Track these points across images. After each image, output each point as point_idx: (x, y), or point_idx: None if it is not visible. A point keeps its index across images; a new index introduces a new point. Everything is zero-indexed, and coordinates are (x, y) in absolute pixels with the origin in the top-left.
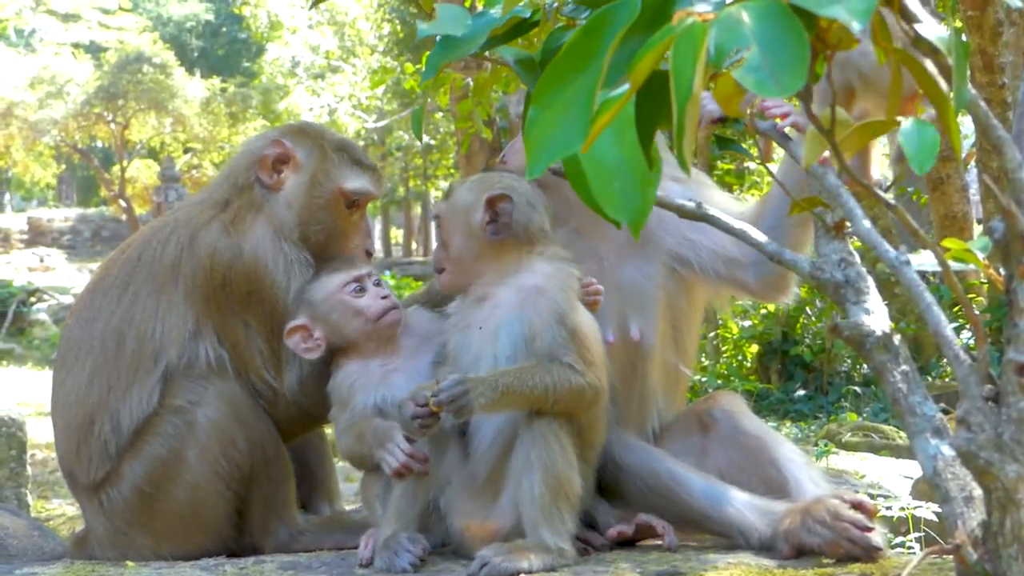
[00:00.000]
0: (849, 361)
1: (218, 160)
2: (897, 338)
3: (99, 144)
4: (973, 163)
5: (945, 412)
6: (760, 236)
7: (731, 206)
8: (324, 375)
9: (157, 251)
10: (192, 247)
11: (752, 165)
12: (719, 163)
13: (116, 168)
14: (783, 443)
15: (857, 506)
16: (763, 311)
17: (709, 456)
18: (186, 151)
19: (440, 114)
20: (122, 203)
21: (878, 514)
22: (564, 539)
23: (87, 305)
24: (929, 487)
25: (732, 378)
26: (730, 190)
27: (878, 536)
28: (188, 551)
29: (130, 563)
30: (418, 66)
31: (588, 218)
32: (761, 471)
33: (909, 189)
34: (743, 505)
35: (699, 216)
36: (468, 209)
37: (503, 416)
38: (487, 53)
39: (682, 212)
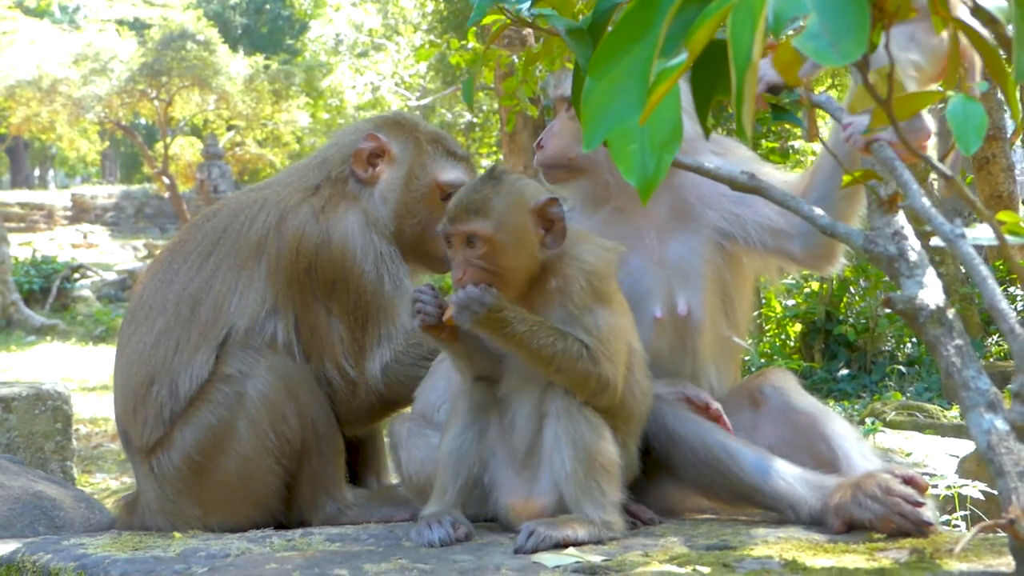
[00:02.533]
0: (893, 340)
1: (261, 137)
2: (951, 312)
3: (143, 121)
4: (1020, 142)
5: None
6: (812, 209)
7: (779, 177)
8: (407, 363)
9: (244, 226)
10: (280, 227)
11: (797, 144)
12: (763, 141)
13: (159, 145)
14: (834, 419)
15: (909, 481)
16: (807, 290)
17: (760, 432)
18: (229, 128)
19: (484, 92)
20: (165, 180)
21: (927, 490)
22: (609, 511)
23: (165, 267)
24: (980, 463)
25: (775, 357)
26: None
27: (929, 511)
28: (236, 523)
29: (177, 534)
30: (463, 42)
31: (629, 197)
32: (812, 447)
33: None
34: (793, 479)
35: (752, 188)
36: (521, 225)
37: (537, 390)
38: (535, 22)
39: (735, 184)
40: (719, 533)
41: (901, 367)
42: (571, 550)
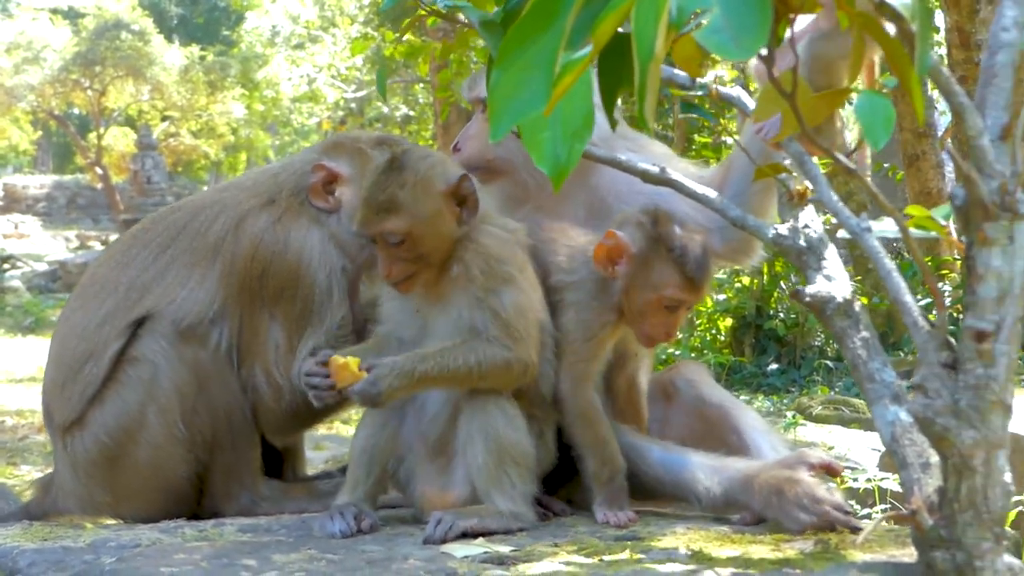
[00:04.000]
0: (822, 335)
1: (196, 128)
2: (858, 304)
3: (76, 111)
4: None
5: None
6: (723, 202)
7: (694, 172)
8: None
9: (203, 226)
10: (238, 231)
11: (731, 139)
12: (696, 136)
13: (93, 135)
14: (745, 411)
15: (825, 468)
16: (737, 285)
17: (671, 425)
18: (164, 119)
19: (420, 84)
20: (98, 171)
21: (844, 481)
22: (518, 503)
23: (124, 250)
24: (889, 454)
25: (706, 351)
26: (707, 162)
27: (839, 495)
28: (149, 512)
29: (88, 524)
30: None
31: (548, 197)
32: (723, 439)
33: (885, 165)
34: (697, 467)
35: (663, 181)
36: (436, 210)
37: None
38: (450, 13)
39: (646, 177)
40: (629, 525)
41: (829, 362)
42: (480, 540)
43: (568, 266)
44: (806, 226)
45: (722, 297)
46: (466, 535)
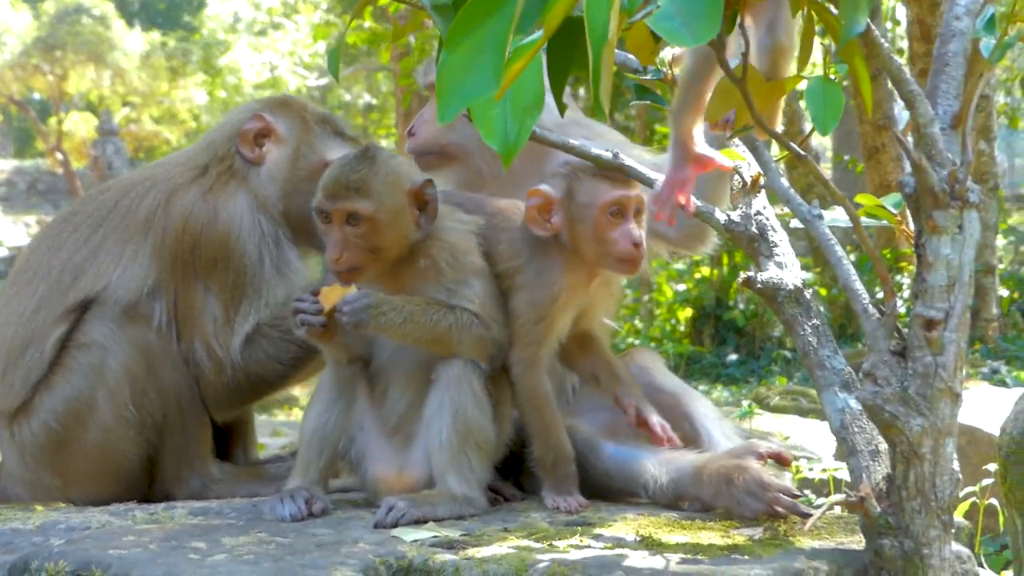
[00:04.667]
0: (781, 326)
1: (157, 114)
2: (809, 292)
3: (36, 96)
4: (900, 127)
5: None
6: None
7: (648, 159)
8: (273, 337)
9: (134, 203)
10: (168, 206)
11: None
12: (657, 126)
13: (53, 120)
14: (697, 399)
15: (774, 457)
16: (697, 275)
17: (622, 413)
18: (125, 105)
19: (382, 73)
20: (59, 156)
21: (799, 471)
22: (473, 487)
23: (55, 234)
24: (839, 442)
25: (665, 341)
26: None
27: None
28: (99, 496)
29: (39, 507)
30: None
31: (502, 184)
32: (675, 426)
33: (845, 157)
34: (647, 459)
35: (615, 166)
36: (400, 205)
37: (413, 362)
38: None
39: (599, 162)
40: (579, 511)
41: (787, 353)
42: (430, 524)
43: (510, 251)
44: (758, 213)
45: (682, 287)
46: (417, 522)
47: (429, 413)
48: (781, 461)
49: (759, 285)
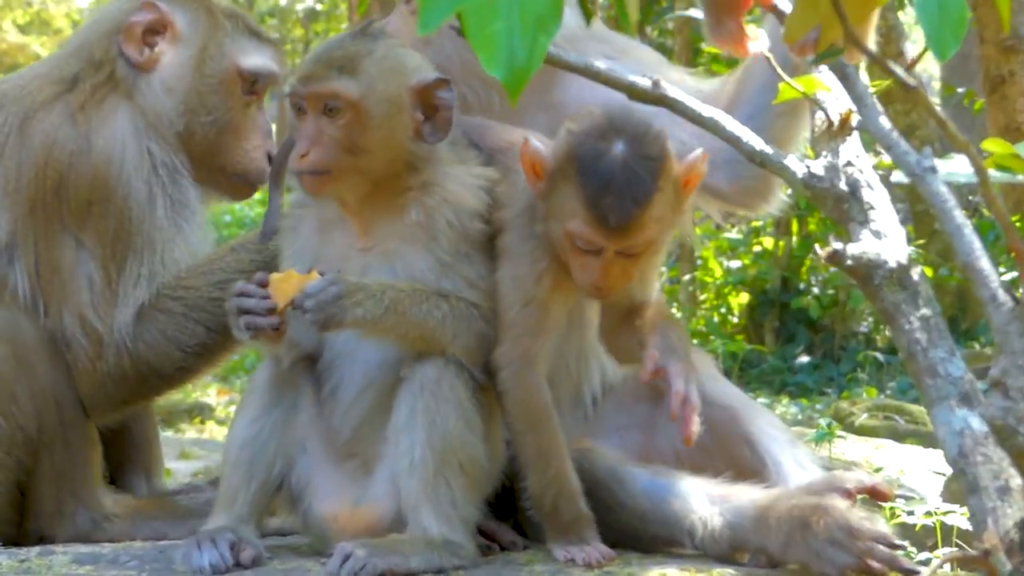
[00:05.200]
0: (871, 319)
1: (23, 21)
2: (917, 271)
3: None
4: None
5: None
6: (736, 127)
7: (693, 85)
8: (176, 313)
9: None
10: (23, 132)
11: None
12: (704, 45)
13: None
14: (761, 415)
15: (868, 492)
16: (757, 247)
17: (661, 433)
18: None
19: None
20: None
21: (896, 514)
22: (456, 529)
23: None
24: (955, 475)
25: (712, 337)
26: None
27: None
28: None
29: None
30: None
31: (495, 116)
32: (731, 452)
33: (960, 90)
34: (692, 496)
35: (654, 98)
36: (398, 99)
37: (376, 355)
38: None
39: (633, 92)
40: (604, 563)
41: (879, 355)
42: None
43: (505, 198)
44: (849, 164)
45: (736, 264)
46: None
47: (396, 426)
48: (878, 497)
49: (849, 261)
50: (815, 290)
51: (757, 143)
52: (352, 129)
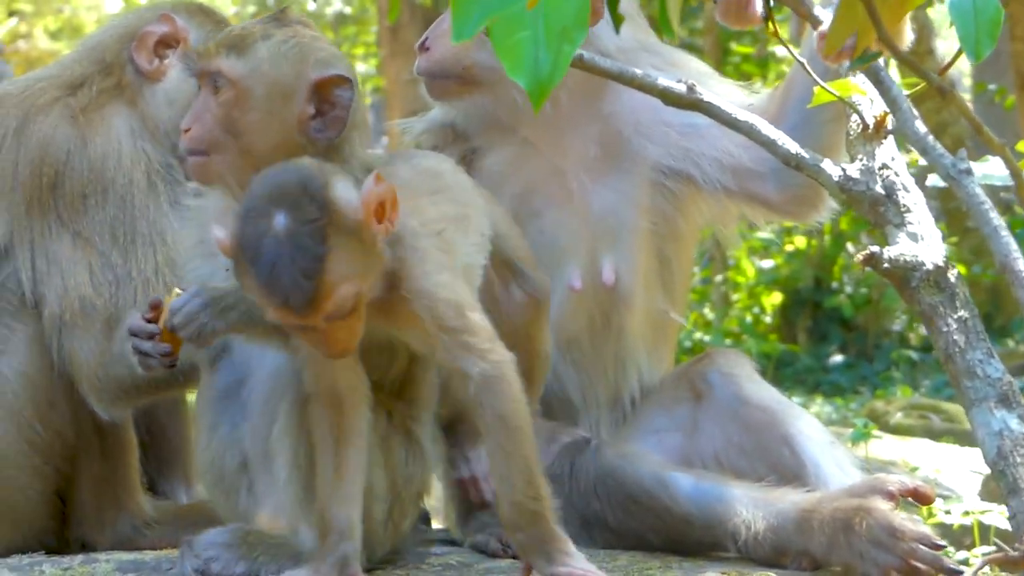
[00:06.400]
0: (904, 317)
1: (55, 27)
2: (954, 273)
3: None
4: None
5: None
6: (772, 131)
7: (739, 97)
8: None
9: None
10: (21, 134)
11: (781, 49)
12: (734, 45)
13: None
14: (800, 416)
15: (911, 495)
16: (789, 247)
17: (701, 433)
18: (11, 15)
19: None
20: None
21: (934, 514)
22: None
23: None
24: (995, 476)
25: (746, 337)
26: (749, 81)
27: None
28: None
29: None
30: None
31: (544, 125)
32: (770, 453)
33: (991, 87)
34: (736, 499)
35: (690, 102)
36: (285, 86)
37: (278, 361)
38: None
39: (668, 96)
40: (643, 567)
41: (913, 354)
42: None
43: None
44: (884, 166)
45: (768, 264)
46: None
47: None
48: (920, 500)
49: (886, 264)
50: (848, 289)
51: (793, 147)
52: (231, 108)
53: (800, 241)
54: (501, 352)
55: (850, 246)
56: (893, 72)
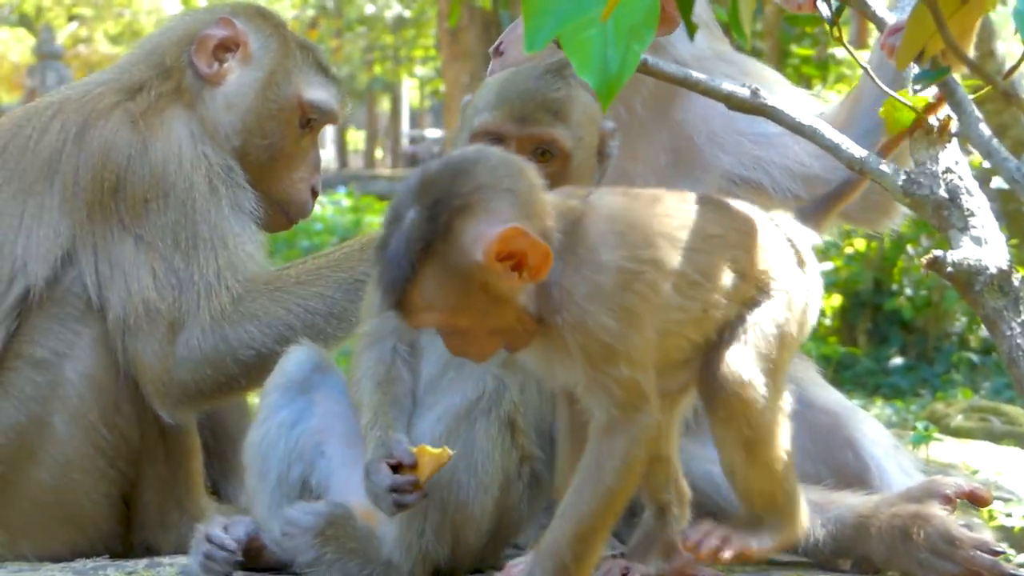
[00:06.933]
0: (964, 319)
1: (115, 32)
2: (1018, 277)
3: None
4: None
5: None
6: (835, 135)
7: (808, 104)
8: (258, 304)
9: (32, 139)
10: (82, 139)
11: (841, 51)
12: (794, 47)
13: None
14: (864, 420)
15: (968, 498)
16: (849, 250)
17: None
18: (71, 19)
19: None
20: None
21: (994, 517)
22: (406, 555)
23: None
24: None
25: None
26: (808, 84)
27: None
28: (55, 550)
29: None
30: None
31: (631, 134)
32: (834, 457)
33: None
34: None
35: (755, 107)
36: (592, 149)
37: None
38: None
39: (731, 101)
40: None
41: (973, 356)
42: None
43: None
44: (948, 170)
45: (828, 266)
46: None
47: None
48: (978, 502)
49: (950, 268)
50: (908, 291)
51: (856, 151)
52: (558, 177)
53: (860, 244)
54: (644, 415)
55: (910, 248)
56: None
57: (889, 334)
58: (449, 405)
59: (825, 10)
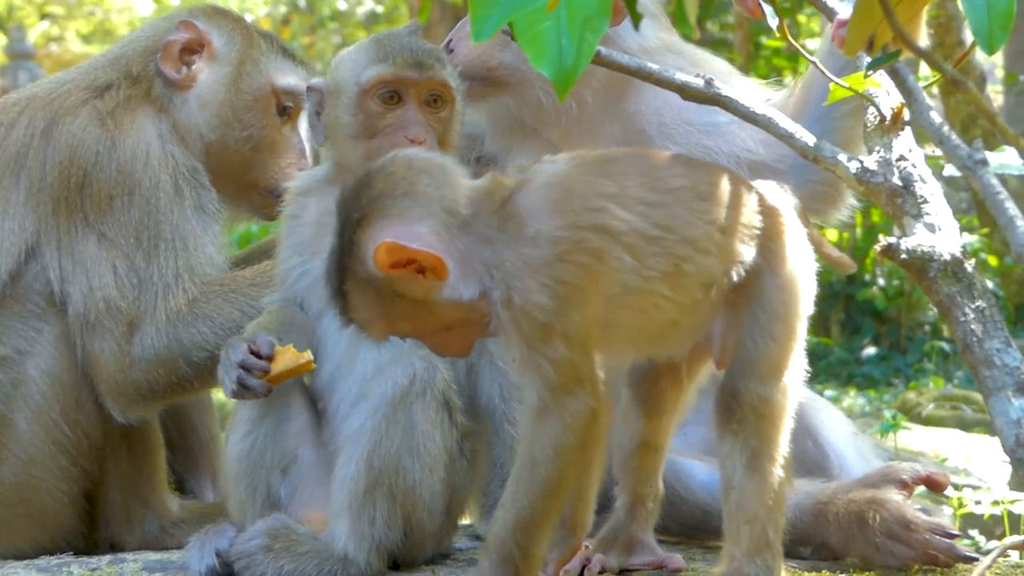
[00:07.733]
0: (935, 309)
1: (87, 31)
2: (971, 264)
3: None
4: None
5: None
6: (790, 124)
7: (760, 93)
8: (213, 306)
9: (0, 134)
10: (49, 134)
11: (813, 42)
12: (765, 39)
13: None
14: (822, 408)
15: (924, 483)
16: None
17: None
18: (43, 18)
19: None
20: None
21: (962, 504)
22: (363, 547)
23: None
24: (1013, 464)
25: None
26: (779, 75)
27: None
28: (19, 547)
29: None
30: None
31: (568, 126)
32: (795, 445)
33: (1022, 77)
34: None
35: (708, 98)
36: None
37: (371, 366)
38: None
39: (686, 93)
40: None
41: (945, 345)
42: None
43: None
44: (901, 158)
45: None
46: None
47: (346, 436)
48: (933, 487)
49: (903, 255)
50: (880, 281)
51: (810, 139)
52: (448, 121)
53: (832, 234)
54: (577, 400)
55: (882, 239)
56: (923, 68)
57: (862, 324)
58: (382, 394)
59: (771, 15)
